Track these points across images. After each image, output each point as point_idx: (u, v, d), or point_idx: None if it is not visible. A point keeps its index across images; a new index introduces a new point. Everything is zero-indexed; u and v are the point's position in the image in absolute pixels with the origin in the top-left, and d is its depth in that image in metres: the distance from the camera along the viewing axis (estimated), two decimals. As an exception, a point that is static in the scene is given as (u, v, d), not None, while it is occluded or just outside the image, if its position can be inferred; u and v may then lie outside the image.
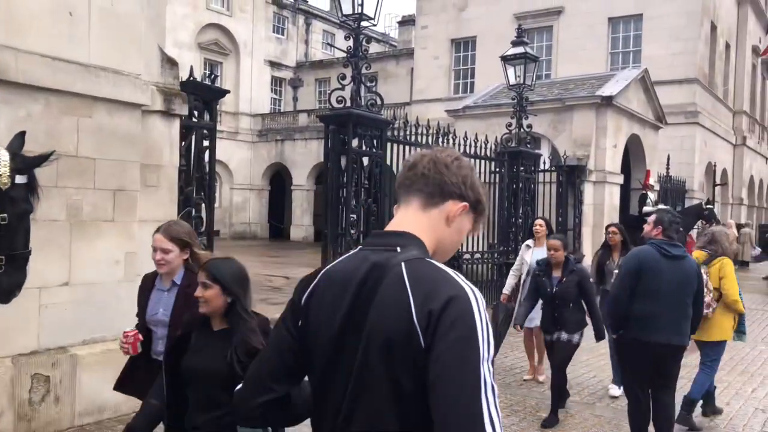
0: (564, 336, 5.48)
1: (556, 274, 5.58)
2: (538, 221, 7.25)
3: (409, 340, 1.31)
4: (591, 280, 5.79)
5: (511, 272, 7.25)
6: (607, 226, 7.01)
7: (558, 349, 5.54)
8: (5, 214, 2.75)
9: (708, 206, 17.20)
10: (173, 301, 3.15)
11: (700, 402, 5.82)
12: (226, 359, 2.50)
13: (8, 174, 2.74)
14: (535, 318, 6.13)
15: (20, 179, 2.82)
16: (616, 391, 6.31)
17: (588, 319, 5.59)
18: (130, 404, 5.11)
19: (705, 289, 5.23)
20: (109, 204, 5.00)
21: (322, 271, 1.54)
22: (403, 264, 1.38)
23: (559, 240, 5.67)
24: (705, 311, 5.28)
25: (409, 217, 1.50)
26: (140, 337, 3.12)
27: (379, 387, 1.34)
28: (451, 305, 1.29)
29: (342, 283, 1.46)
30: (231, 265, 2.76)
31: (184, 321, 2.87)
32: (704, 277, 5.27)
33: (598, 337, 5.52)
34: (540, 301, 5.83)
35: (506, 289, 7.13)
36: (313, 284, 1.53)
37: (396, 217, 1.53)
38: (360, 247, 1.54)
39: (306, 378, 1.60)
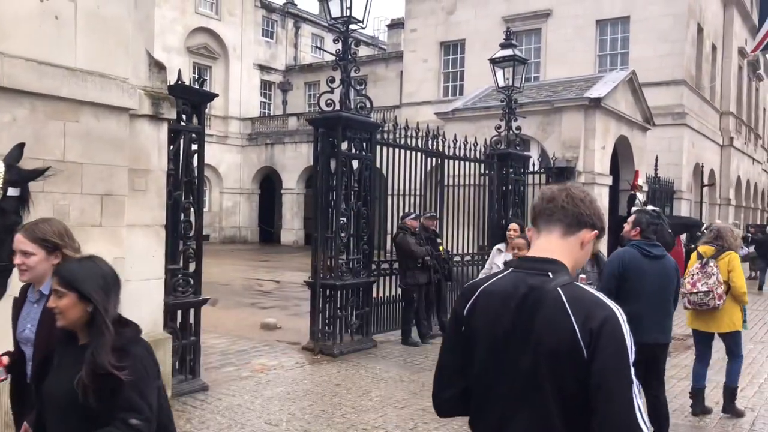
0: None
1: None
2: (513, 225, 6.88)
3: (573, 353, 1.63)
4: None
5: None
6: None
7: None
8: None
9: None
10: (38, 316, 2.64)
11: (690, 402, 5.86)
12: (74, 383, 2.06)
13: (0, 186, 2.70)
14: None
15: (12, 192, 2.77)
16: None
17: None
18: (119, 411, 5.07)
19: (716, 282, 5.62)
20: (96, 209, 4.96)
21: (481, 288, 1.86)
22: (559, 289, 1.71)
23: (525, 239, 5.08)
24: (717, 303, 5.63)
25: (552, 244, 1.84)
26: (3, 361, 2.64)
27: (545, 387, 1.67)
28: (606, 324, 1.64)
29: (502, 300, 1.79)
30: (89, 267, 2.29)
31: (47, 338, 2.44)
32: (714, 269, 5.64)
33: None
34: None
35: None
36: (473, 298, 1.86)
37: (540, 243, 1.87)
38: (512, 269, 1.87)
39: None
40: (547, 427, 1.67)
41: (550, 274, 1.75)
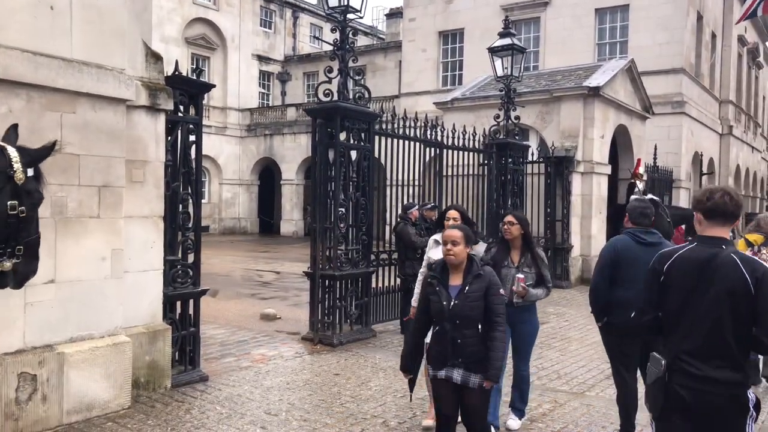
0: (474, 379, 3.74)
1: (456, 281, 3.82)
2: (451, 212, 5.15)
3: (745, 291, 2.76)
4: (501, 291, 3.89)
5: (418, 279, 5.22)
6: (504, 216, 5.45)
7: (469, 399, 3.79)
8: (23, 207, 2.93)
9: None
10: None
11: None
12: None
13: (21, 169, 2.90)
14: None
15: (30, 172, 2.98)
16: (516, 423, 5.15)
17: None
18: (119, 401, 5.11)
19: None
20: (94, 200, 4.96)
21: (676, 254, 2.99)
22: (732, 254, 2.85)
23: (460, 230, 3.88)
24: None
25: (720, 231, 2.97)
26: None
27: (722, 312, 2.80)
28: (765, 274, 2.76)
29: (692, 261, 2.93)
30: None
31: None
32: (766, 253, 6.17)
33: (490, 379, 3.80)
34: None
35: (414, 301, 5.12)
36: (670, 261, 2.99)
37: (713, 229, 2.97)
38: (695, 243, 2.99)
39: None
40: (720, 332, 2.80)
41: (723, 246, 2.90)
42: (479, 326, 3.77)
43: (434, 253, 5.09)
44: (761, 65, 34.34)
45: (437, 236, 5.14)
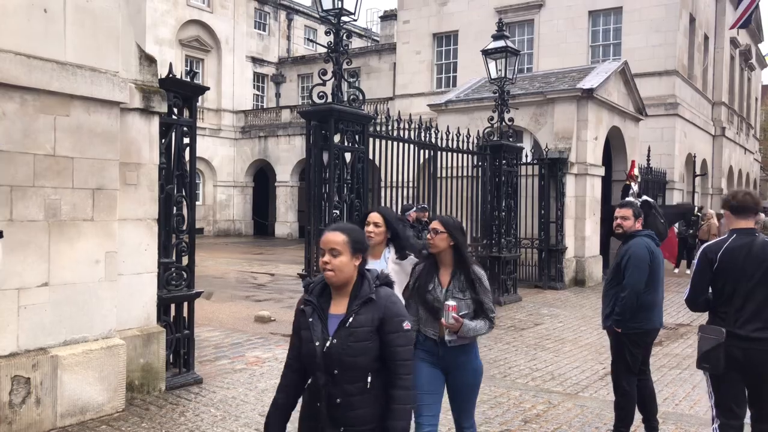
0: None
1: (338, 309, 2.61)
2: (372, 215, 4.04)
3: None
4: (406, 324, 2.59)
5: None
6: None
7: None
8: None
9: (698, 214, 17.51)
10: None
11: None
12: None
13: None
14: None
15: None
16: None
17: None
18: (113, 404, 5.10)
19: None
20: (88, 203, 4.96)
21: (724, 245, 3.77)
22: (765, 238, 3.76)
23: (344, 233, 2.60)
24: None
25: (747, 223, 3.80)
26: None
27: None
28: None
29: (738, 248, 3.73)
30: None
31: None
32: None
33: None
34: None
35: None
36: (721, 250, 3.76)
37: (742, 223, 3.82)
38: (734, 235, 3.78)
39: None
40: (765, 301, 3.67)
41: (756, 234, 3.77)
42: (369, 378, 2.52)
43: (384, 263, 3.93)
44: (753, 67, 34.55)
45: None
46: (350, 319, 2.52)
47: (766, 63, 37.87)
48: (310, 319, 2.60)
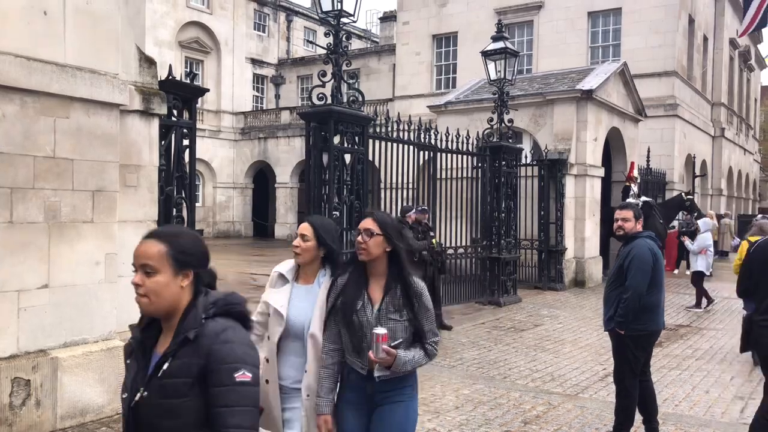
0: None
1: (163, 347, 1.90)
2: (303, 226, 3.13)
3: None
4: (245, 373, 1.79)
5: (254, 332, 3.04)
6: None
7: None
8: None
9: (689, 197, 17.43)
10: None
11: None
12: None
13: None
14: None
15: None
16: None
17: None
18: (113, 406, 5.10)
19: None
20: (88, 205, 4.96)
21: (756, 245, 5.17)
22: None
23: (158, 238, 1.90)
24: None
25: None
26: None
27: None
28: None
29: (762, 249, 4.87)
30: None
31: None
32: None
33: None
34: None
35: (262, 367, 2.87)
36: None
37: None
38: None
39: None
40: None
41: None
42: None
43: (278, 297, 3.13)
44: (753, 68, 34.57)
45: (285, 267, 3.25)
46: (165, 366, 1.81)
47: (766, 64, 37.89)
48: (128, 361, 1.94)
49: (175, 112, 5.97)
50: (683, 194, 17.81)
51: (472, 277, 11.53)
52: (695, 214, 17.01)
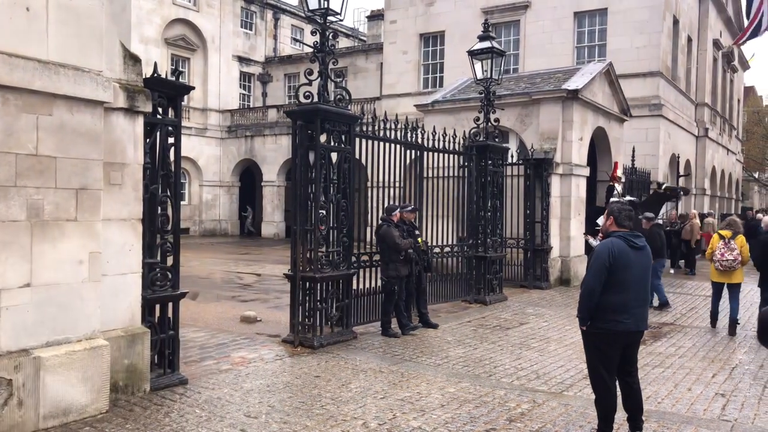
0: None
1: None
2: None
3: None
4: None
5: None
6: None
7: None
8: None
9: (664, 186, 17.59)
10: None
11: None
12: None
13: None
14: None
15: None
16: None
17: None
18: (97, 405, 5.07)
19: (738, 253, 9.15)
20: (71, 203, 4.92)
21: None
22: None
23: None
24: (738, 266, 9.19)
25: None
26: None
27: None
28: None
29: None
30: None
31: None
32: (735, 245, 9.17)
33: None
34: None
35: None
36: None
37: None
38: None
39: None
40: None
41: None
42: None
43: None
44: (736, 69, 34.94)
45: None
46: None
47: (749, 65, 38.32)
48: None
49: (160, 109, 5.93)
50: (657, 189, 17.97)
51: (459, 275, 11.56)
52: (681, 192, 17.11)
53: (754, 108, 49.68)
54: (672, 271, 17.99)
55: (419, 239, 9.24)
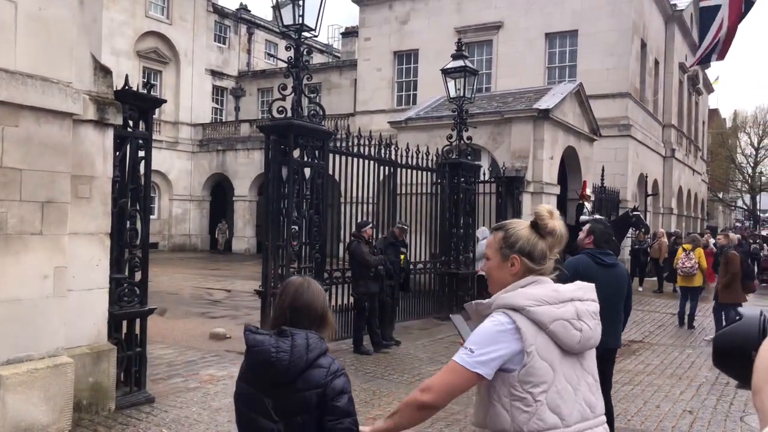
0: None
1: None
2: None
3: None
4: None
5: None
6: None
7: None
8: None
9: (634, 213, 17.87)
10: None
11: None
12: None
13: None
14: None
15: None
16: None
17: None
18: (59, 425, 4.91)
19: (695, 262, 11.40)
20: (37, 217, 4.80)
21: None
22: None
23: None
24: (695, 271, 11.50)
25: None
26: None
27: None
28: None
29: None
30: None
31: None
32: (693, 255, 11.48)
33: None
34: None
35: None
36: None
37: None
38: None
39: None
40: None
41: None
42: None
43: None
44: (701, 91, 35.92)
45: None
46: None
47: (713, 88, 39.43)
48: None
49: (131, 122, 5.85)
50: (628, 211, 18.25)
51: (431, 292, 11.56)
52: (643, 229, 17.40)
53: (717, 130, 51.08)
54: (640, 288, 18.24)
55: (402, 256, 9.23)
